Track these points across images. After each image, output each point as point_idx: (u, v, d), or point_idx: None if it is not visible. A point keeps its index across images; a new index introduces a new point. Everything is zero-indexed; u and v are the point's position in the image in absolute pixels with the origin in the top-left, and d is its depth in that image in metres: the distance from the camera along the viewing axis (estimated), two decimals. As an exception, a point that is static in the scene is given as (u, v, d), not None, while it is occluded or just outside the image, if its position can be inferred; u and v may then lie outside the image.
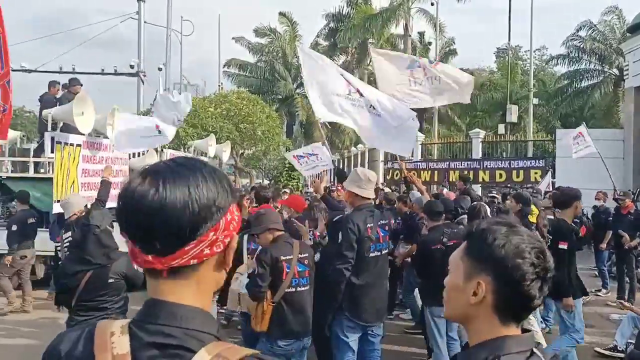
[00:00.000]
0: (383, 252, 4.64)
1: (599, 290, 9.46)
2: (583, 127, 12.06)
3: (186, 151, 15.67)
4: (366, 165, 22.28)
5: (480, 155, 17.35)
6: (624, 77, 17.46)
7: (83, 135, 8.55)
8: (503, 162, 15.75)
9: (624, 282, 8.98)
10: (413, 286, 6.90)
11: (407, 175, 6.98)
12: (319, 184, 5.91)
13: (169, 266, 0.96)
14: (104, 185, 6.02)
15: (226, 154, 17.30)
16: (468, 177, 9.79)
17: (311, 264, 4.24)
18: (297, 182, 20.97)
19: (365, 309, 4.48)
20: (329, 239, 5.15)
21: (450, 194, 8.56)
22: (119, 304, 4.11)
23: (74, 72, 18.46)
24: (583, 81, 26.82)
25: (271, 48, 31.76)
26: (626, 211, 9.17)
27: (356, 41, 28.29)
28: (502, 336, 1.26)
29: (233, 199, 1.01)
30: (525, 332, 1.30)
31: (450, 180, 13.99)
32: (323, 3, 70.56)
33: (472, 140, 18.09)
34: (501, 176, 15.16)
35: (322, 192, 5.83)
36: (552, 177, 13.95)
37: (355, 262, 4.36)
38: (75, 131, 8.49)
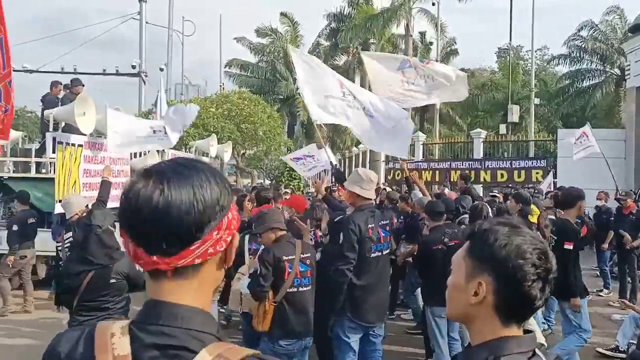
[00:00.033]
0: (384, 253, 4.64)
1: (601, 290, 9.46)
2: (587, 127, 12.04)
3: (187, 151, 15.68)
4: (367, 165, 22.26)
5: (481, 155, 17.33)
6: (626, 77, 17.42)
7: (84, 135, 8.56)
8: (504, 162, 15.75)
9: (626, 282, 8.98)
10: (414, 286, 6.90)
11: (409, 175, 6.98)
12: (320, 185, 5.90)
13: (175, 266, 0.96)
14: (104, 185, 6.04)
15: (227, 154, 17.34)
16: (469, 176, 9.78)
17: (313, 264, 4.25)
18: (299, 183, 20.96)
19: (366, 310, 4.48)
20: (330, 240, 5.15)
21: (451, 194, 8.56)
22: (121, 304, 4.12)
23: (76, 73, 18.54)
24: (584, 81, 26.78)
25: (272, 48, 31.72)
26: (628, 211, 9.17)
27: (357, 41, 28.23)
28: (503, 337, 1.26)
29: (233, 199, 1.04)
30: (527, 333, 1.30)
31: (451, 180, 13.98)
32: (324, 3, 70.68)
33: (474, 140, 18.07)
34: (502, 176, 15.16)
35: (324, 193, 5.83)
36: (554, 177, 13.92)
37: (356, 263, 4.36)
38: (76, 131, 8.50)
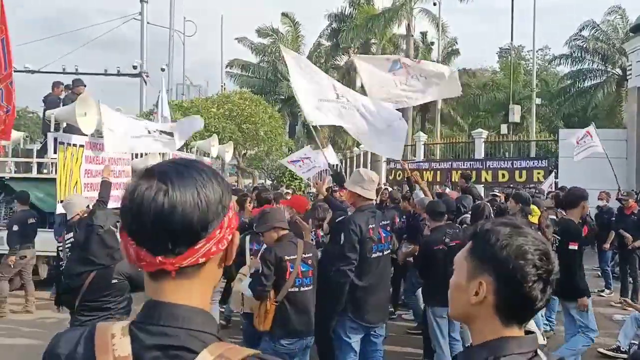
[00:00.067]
0: (385, 253, 4.64)
1: (602, 290, 9.45)
2: (592, 127, 12.00)
3: (189, 152, 15.68)
4: (368, 165, 22.24)
5: (482, 155, 17.29)
6: (627, 77, 17.39)
7: (86, 135, 8.56)
8: (506, 162, 15.73)
9: (627, 283, 8.96)
10: (415, 287, 6.90)
11: (412, 175, 6.98)
12: (321, 186, 5.92)
13: (180, 266, 0.96)
14: (104, 185, 5.96)
15: (229, 155, 17.34)
16: (469, 175, 9.77)
17: (315, 264, 4.25)
18: (300, 183, 20.94)
19: (367, 310, 4.48)
20: (331, 240, 5.15)
21: (452, 193, 8.56)
22: (123, 305, 4.12)
23: (77, 73, 18.56)
24: (586, 81, 26.77)
25: (274, 48, 31.71)
26: (629, 211, 9.15)
27: (359, 41, 28.26)
28: (504, 337, 1.26)
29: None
30: (528, 334, 1.30)
31: (452, 180, 13.97)
32: (325, 3, 70.58)
33: (475, 140, 18.04)
34: (504, 176, 15.14)
35: (325, 194, 5.84)
36: (555, 178, 13.90)
37: (357, 263, 4.36)
38: (78, 132, 8.50)
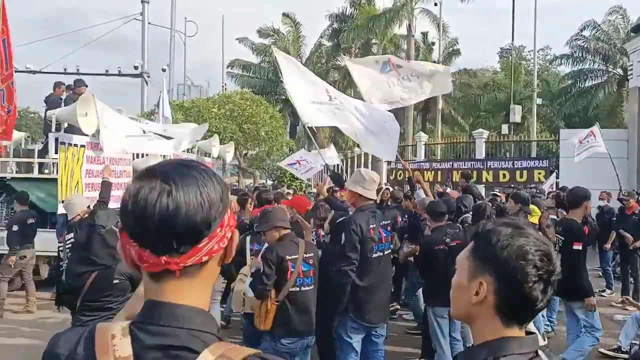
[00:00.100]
0: (386, 253, 4.64)
1: (603, 290, 9.44)
2: (596, 128, 11.97)
3: (190, 152, 15.70)
4: (369, 165, 22.22)
5: (483, 155, 17.28)
6: (628, 77, 17.38)
7: (87, 136, 8.57)
8: (506, 163, 15.74)
9: (628, 283, 8.96)
10: (416, 287, 6.90)
11: (413, 175, 7.00)
12: (322, 187, 5.94)
13: (184, 265, 0.96)
14: (105, 186, 5.93)
15: (230, 155, 17.33)
16: (469, 174, 9.76)
17: (316, 264, 4.25)
18: (301, 183, 20.95)
19: (368, 310, 4.48)
20: (331, 240, 5.16)
21: (453, 193, 8.56)
22: (124, 305, 4.12)
23: (78, 73, 18.56)
24: (587, 81, 26.74)
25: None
26: (630, 211, 9.14)
27: (359, 42, 28.27)
28: (505, 337, 1.26)
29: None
30: (529, 334, 1.30)
31: (453, 180, 13.97)
32: (326, 4, 70.70)
33: (476, 140, 18.03)
34: (505, 176, 15.14)
35: (326, 194, 5.84)
36: (556, 177, 13.89)
37: (358, 263, 4.36)
38: (79, 132, 8.50)
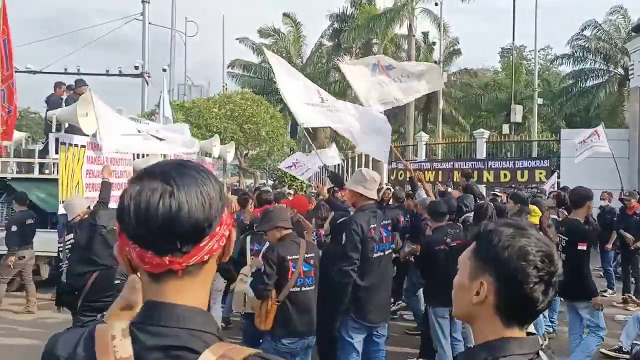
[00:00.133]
0: (386, 253, 4.64)
1: (605, 290, 9.42)
2: (601, 127, 11.94)
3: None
4: (370, 165, 22.17)
5: (484, 155, 17.27)
6: (629, 77, 17.36)
7: (87, 136, 8.56)
8: (507, 162, 15.72)
9: (630, 283, 8.95)
10: (416, 287, 6.88)
11: (416, 175, 7.01)
12: (322, 189, 5.96)
13: (187, 265, 0.96)
14: (105, 186, 5.88)
15: (230, 155, 17.32)
16: (470, 173, 9.74)
17: (316, 264, 4.24)
18: (301, 183, 20.95)
19: (370, 310, 4.48)
20: (332, 240, 5.15)
21: (454, 193, 8.55)
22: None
23: (79, 73, 18.53)
24: (588, 81, 26.74)
25: (275, 49, 31.70)
26: (632, 211, 9.11)
27: (360, 41, 28.26)
28: (505, 337, 1.26)
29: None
30: (530, 335, 1.30)
31: (454, 180, 13.97)
32: (327, 4, 70.74)
33: (477, 140, 18.02)
34: (506, 176, 15.13)
35: (327, 195, 5.84)
36: (557, 177, 13.88)
37: (359, 263, 4.36)
38: (80, 132, 8.49)
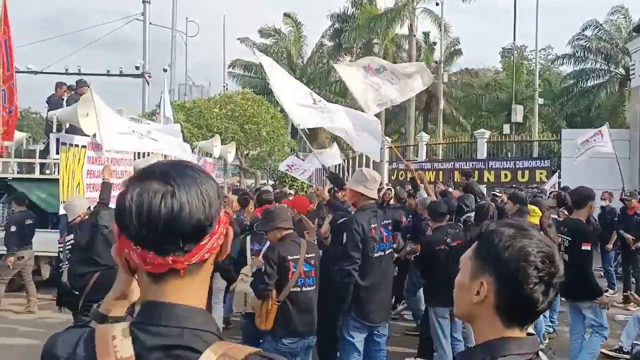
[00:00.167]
0: (387, 252, 4.64)
1: (606, 291, 9.40)
2: (605, 127, 11.92)
3: (191, 152, 15.71)
4: (371, 165, 22.21)
5: (485, 155, 17.27)
6: (630, 77, 17.36)
7: (88, 136, 8.56)
8: (508, 162, 15.72)
9: (630, 283, 8.95)
10: (416, 287, 6.88)
11: (417, 175, 7.02)
12: (323, 191, 5.97)
13: (189, 264, 0.96)
14: (105, 186, 5.88)
15: (231, 155, 17.35)
16: (470, 172, 9.73)
17: (317, 264, 4.24)
18: (302, 183, 20.96)
19: (371, 309, 4.48)
20: (332, 240, 5.15)
21: (455, 192, 8.55)
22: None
23: (80, 74, 18.54)
24: (589, 81, 26.74)
25: (276, 49, 31.74)
26: (632, 212, 9.10)
27: (361, 41, 28.25)
28: (504, 337, 1.26)
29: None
30: (530, 336, 1.30)
31: (455, 180, 13.97)
32: (328, 4, 70.67)
33: (477, 140, 18.01)
34: (506, 176, 15.12)
35: (327, 197, 5.84)
36: (558, 177, 13.88)
37: (360, 263, 4.36)
38: (81, 132, 8.50)
